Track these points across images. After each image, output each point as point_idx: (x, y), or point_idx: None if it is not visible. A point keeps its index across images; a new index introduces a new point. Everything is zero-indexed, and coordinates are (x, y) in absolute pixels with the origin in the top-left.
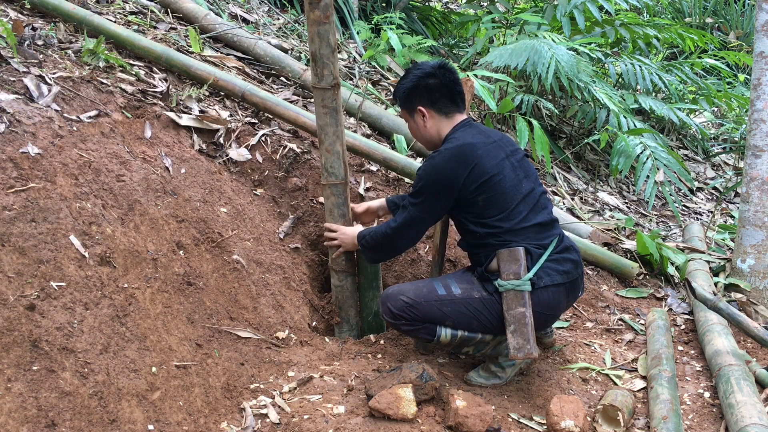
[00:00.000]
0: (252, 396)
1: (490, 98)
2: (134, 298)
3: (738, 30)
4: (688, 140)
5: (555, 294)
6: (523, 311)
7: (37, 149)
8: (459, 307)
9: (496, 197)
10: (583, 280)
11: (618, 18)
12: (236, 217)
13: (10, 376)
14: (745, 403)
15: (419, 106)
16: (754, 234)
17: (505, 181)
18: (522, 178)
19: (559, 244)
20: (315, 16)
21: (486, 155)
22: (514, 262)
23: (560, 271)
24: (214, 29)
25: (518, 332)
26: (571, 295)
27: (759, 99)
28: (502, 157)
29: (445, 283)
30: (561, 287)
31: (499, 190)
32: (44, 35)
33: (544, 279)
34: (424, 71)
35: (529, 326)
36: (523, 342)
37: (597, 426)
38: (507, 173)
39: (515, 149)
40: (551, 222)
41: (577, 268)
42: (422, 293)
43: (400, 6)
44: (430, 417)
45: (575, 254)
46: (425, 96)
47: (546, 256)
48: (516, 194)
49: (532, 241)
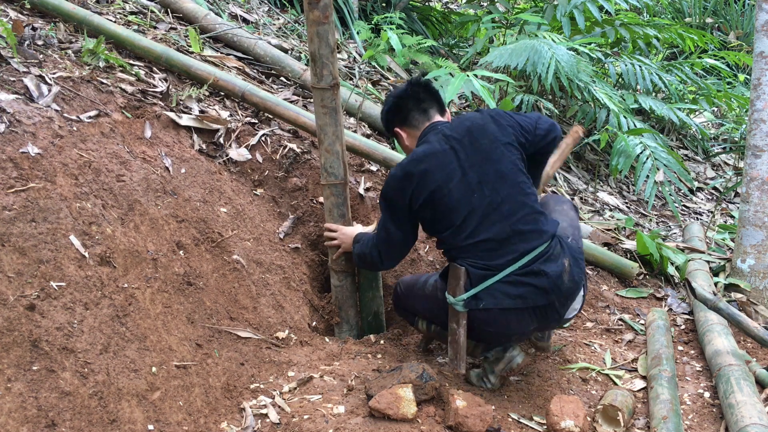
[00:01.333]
0: (252, 396)
1: (490, 98)
2: (134, 298)
3: (738, 30)
4: (688, 140)
5: (499, 317)
6: (455, 328)
7: (37, 149)
8: (427, 303)
9: (443, 212)
10: (569, 305)
11: (618, 18)
12: (236, 217)
13: (10, 376)
14: (745, 403)
15: (395, 127)
16: (754, 234)
17: (450, 196)
18: (475, 184)
19: (527, 264)
20: (314, 16)
21: (434, 167)
22: (455, 279)
23: (512, 295)
24: (214, 29)
25: (451, 346)
26: (538, 320)
27: (759, 99)
28: (453, 167)
29: (428, 278)
30: (510, 312)
31: (443, 207)
32: (44, 35)
33: (484, 301)
34: (394, 94)
35: (460, 343)
36: (454, 355)
37: (597, 426)
38: (455, 184)
39: (480, 145)
40: (514, 234)
41: (547, 295)
42: (409, 285)
43: (400, 6)
44: (430, 417)
45: (546, 280)
46: (398, 116)
47: (497, 278)
48: (464, 208)
49: (479, 260)
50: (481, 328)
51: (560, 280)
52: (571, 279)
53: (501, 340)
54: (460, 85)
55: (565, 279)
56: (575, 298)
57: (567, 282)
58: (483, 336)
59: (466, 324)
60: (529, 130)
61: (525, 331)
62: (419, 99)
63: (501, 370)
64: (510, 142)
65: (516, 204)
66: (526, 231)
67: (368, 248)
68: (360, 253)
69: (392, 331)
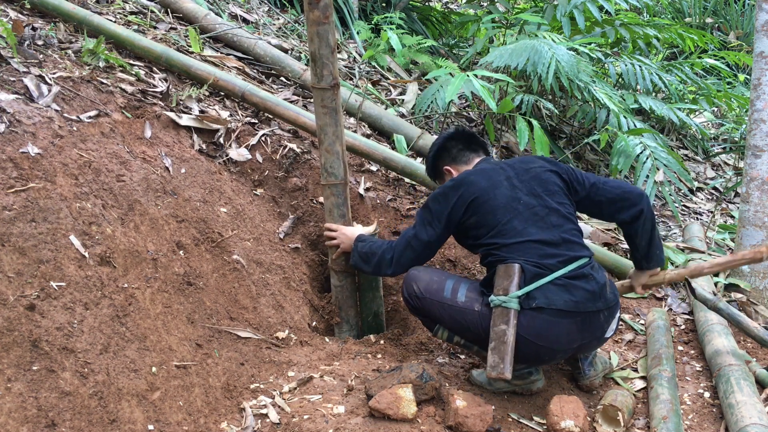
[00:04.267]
0: (252, 396)
1: (490, 98)
2: (134, 298)
3: (738, 30)
4: (688, 140)
5: (549, 321)
6: (504, 329)
7: (37, 149)
8: (457, 316)
9: (486, 215)
10: (610, 321)
11: (618, 18)
12: (236, 217)
13: (10, 376)
14: (745, 403)
15: (445, 166)
16: (754, 234)
17: (496, 199)
18: (522, 194)
19: (577, 269)
20: (314, 16)
21: (480, 178)
22: (507, 278)
23: (564, 297)
24: (214, 29)
25: (497, 350)
26: (584, 331)
27: (759, 99)
28: (501, 179)
29: (455, 286)
30: (561, 315)
31: (488, 209)
32: (44, 35)
33: (538, 300)
34: (442, 137)
35: (509, 345)
36: (499, 360)
37: (597, 426)
38: (500, 191)
39: (530, 168)
40: (563, 242)
41: (595, 300)
42: (431, 289)
43: (400, 6)
44: (430, 417)
45: (595, 285)
46: (447, 156)
47: (549, 278)
48: (509, 210)
49: (531, 257)
50: (527, 339)
51: (605, 290)
52: (612, 293)
53: (544, 358)
54: (460, 85)
55: (608, 290)
56: (614, 315)
57: (609, 294)
58: (527, 351)
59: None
60: (581, 181)
61: (570, 348)
62: (467, 141)
63: (518, 386)
64: (557, 171)
65: (562, 217)
66: (573, 241)
67: (379, 249)
68: (367, 251)
69: (392, 331)
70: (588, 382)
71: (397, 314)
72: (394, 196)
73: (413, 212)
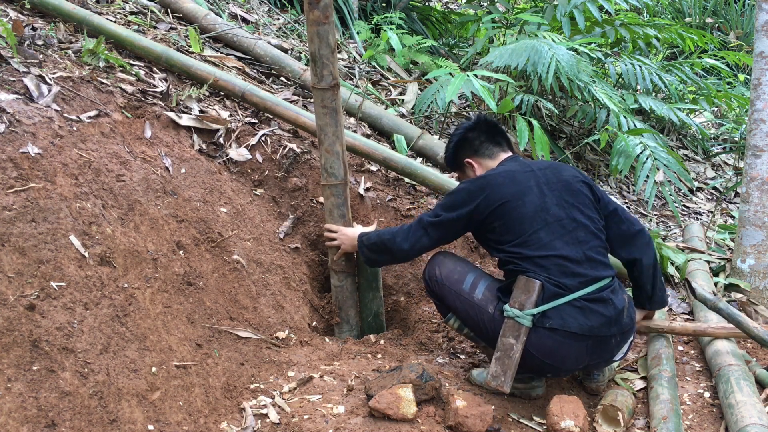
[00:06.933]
0: (252, 396)
1: (490, 98)
2: (134, 298)
3: (738, 30)
4: (688, 140)
5: (560, 342)
6: (513, 343)
7: (37, 149)
8: (471, 311)
9: (513, 222)
10: (622, 346)
11: (618, 18)
12: (236, 217)
13: (10, 376)
14: (744, 403)
15: (465, 159)
16: (754, 234)
17: (524, 206)
18: (552, 205)
19: (596, 291)
20: (314, 16)
21: (509, 182)
22: (525, 293)
23: (580, 320)
24: (214, 29)
25: (501, 361)
26: (593, 354)
27: (759, 99)
28: (530, 185)
29: (476, 281)
30: (573, 338)
31: (515, 216)
32: (44, 35)
33: (552, 320)
34: (462, 128)
35: (514, 360)
36: (501, 372)
37: (597, 426)
38: (529, 198)
39: (561, 176)
40: (586, 260)
41: (610, 326)
42: (452, 278)
43: (400, 6)
44: (430, 417)
45: (612, 311)
46: (468, 148)
47: (567, 299)
48: (537, 220)
49: (552, 274)
50: (534, 356)
51: (621, 315)
52: (629, 317)
53: (547, 374)
54: (460, 85)
55: (625, 315)
56: (627, 339)
57: (626, 318)
58: (532, 364)
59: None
60: (606, 203)
61: (576, 368)
62: (490, 132)
63: (517, 390)
64: (589, 183)
65: (589, 233)
66: (596, 259)
67: (388, 233)
68: (375, 240)
69: (392, 331)
70: (595, 386)
71: (397, 314)
72: (394, 196)
73: (413, 212)
